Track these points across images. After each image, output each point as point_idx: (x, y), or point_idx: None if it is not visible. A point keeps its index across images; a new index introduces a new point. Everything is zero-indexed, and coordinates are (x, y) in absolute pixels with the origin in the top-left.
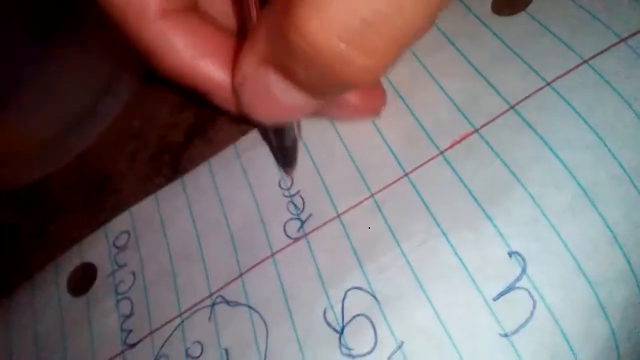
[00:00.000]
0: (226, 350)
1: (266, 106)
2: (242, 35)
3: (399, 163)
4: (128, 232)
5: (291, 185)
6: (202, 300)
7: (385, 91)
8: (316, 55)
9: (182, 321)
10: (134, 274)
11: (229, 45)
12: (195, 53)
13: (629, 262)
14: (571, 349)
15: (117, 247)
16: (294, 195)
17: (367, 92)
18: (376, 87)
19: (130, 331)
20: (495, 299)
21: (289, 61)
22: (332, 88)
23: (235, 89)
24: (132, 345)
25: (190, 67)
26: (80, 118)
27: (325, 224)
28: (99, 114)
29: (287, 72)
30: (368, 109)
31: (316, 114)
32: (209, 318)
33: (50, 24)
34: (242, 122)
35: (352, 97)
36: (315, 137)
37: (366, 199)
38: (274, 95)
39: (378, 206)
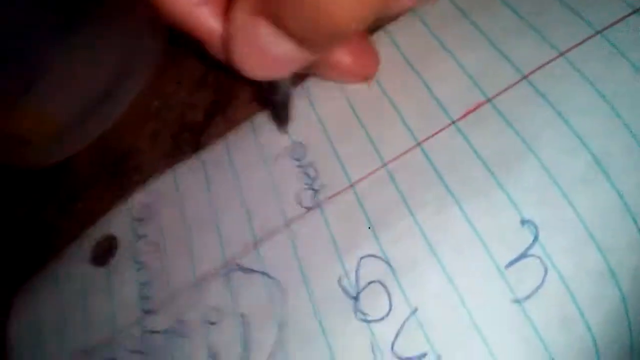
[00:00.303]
0: (242, 315)
1: (256, 58)
2: None
3: (412, 133)
4: (148, 205)
5: (304, 156)
6: (218, 268)
7: (379, 55)
8: None
9: (199, 288)
10: (153, 244)
11: None
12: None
13: (639, 231)
14: (582, 315)
15: (138, 220)
16: (307, 165)
17: (359, 53)
18: (369, 50)
19: (148, 298)
20: (507, 266)
21: (278, 7)
22: (320, 36)
23: (225, 42)
24: (150, 312)
25: (186, 13)
26: (99, 100)
27: (338, 193)
28: (117, 96)
29: (277, 20)
30: (360, 71)
31: (307, 70)
32: (225, 285)
33: (68, 8)
34: (259, 99)
35: (344, 57)
36: (327, 107)
37: (378, 168)
38: (264, 47)
39: (391, 176)
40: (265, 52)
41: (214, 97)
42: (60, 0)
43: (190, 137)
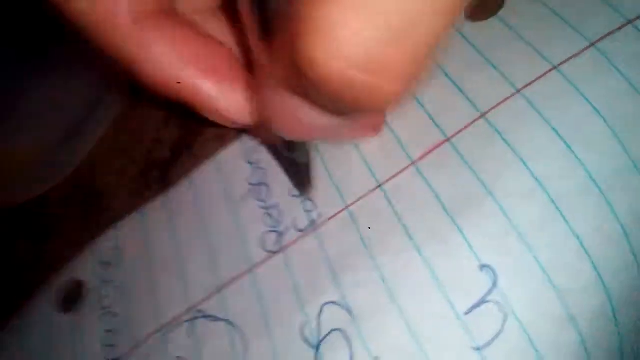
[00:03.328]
0: None
1: (290, 126)
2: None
3: (373, 174)
4: (116, 248)
5: (269, 197)
6: (182, 315)
7: None
8: (329, 84)
9: (163, 336)
10: (118, 288)
11: (214, 51)
12: (178, 62)
13: (598, 273)
14: None
15: (104, 263)
16: (271, 207)
17: None
18: None
19: (112, 346)
20: (466, 313)
21: (305, 88)
22: (354, 111)
23: (257, 109)
24: None
25: (174, 77)
26: (69, 136)
27: (301, 236)
28: (86, 132)
29: (306, 98)
30: (377, 126)
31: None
32: (189, 333)
33: (35, 47)
34: (226, 135)
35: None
36: None
37: (341, 210)
38: (296, 117)
39: (353, 219)
40: (299, 121)
41: (179, 133)
42: (27, 39)
43: (158, 174)
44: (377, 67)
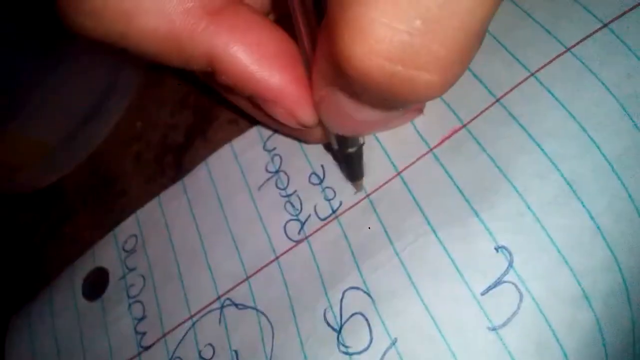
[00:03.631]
0: (236, 352)
1: (342, 123)
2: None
3: (392, 162)
4: (136, 236)
5: (287, 185)
6: (211, 303)
7: None
8: (370, 80)
9: (193, 324)
10: (143, 277)
11: (285, 45)
12: (255, 58)
13: (612, 252)
14: (557, 340)
15: (127, 251)
16: (290, 194)
17: None
18: None
19: (144, 333)
20: (483, 294)
21: (350, 85)
22: (402, 105)
23: (315, 106)
24: (147, 348)
25: (248, 73)
26: (86, 122)
27: (324, 225)
28: (103, 116)
29: (354, 94)
30: (417, 109)
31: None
32: (219, 321)
33: (52, 33)
34: (240, 120)
35: None
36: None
37: (362, 199)
38: (347, 114)
39: (373, 206)
40: (350, 117)
41: (194, 118)
42: (43, 25)
43: (172, 159)
44: (415, 59)
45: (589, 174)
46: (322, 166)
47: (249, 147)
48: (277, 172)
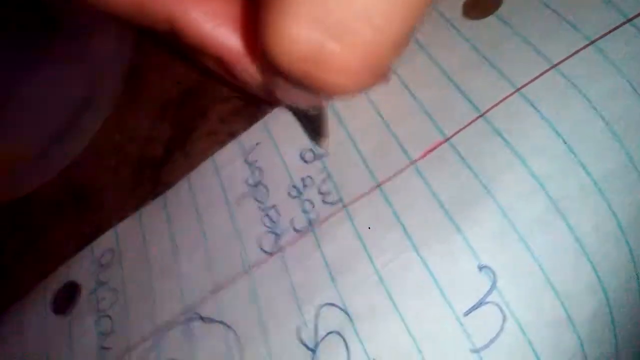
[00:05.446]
0: None
1: (291, 99)
2: None
3: (372, 174)
4: (113, 250)
5: (267, 198)
6: (177, 317)
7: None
8: (290, 75)
9: (158, 338)
10: (115, 291)
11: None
12: (215, 23)
13: (597, 274)
14: None
15: (102, 265)
16: (269, 208)
17: None
18: None
19: (108, 349)
20: (465, 314)
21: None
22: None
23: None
24: None
25: (207, 35)
26: (61, 134)
27: (299, 237)
28: (81, 128)
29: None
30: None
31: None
32: (184, 335)
33: (29, 41)
34: (219, 132)
35: None
36: (289, 151)
37: (339, 211)
38: (289, 92)
39: (351, 219)
40: (294, 95)
41: (173, 131)
42: (21, 35)
43: (150, 173)
44: (324, 63)
45: (575, 195)
46: (302, 179)
47: (230, 160)
48: (256, 185)
